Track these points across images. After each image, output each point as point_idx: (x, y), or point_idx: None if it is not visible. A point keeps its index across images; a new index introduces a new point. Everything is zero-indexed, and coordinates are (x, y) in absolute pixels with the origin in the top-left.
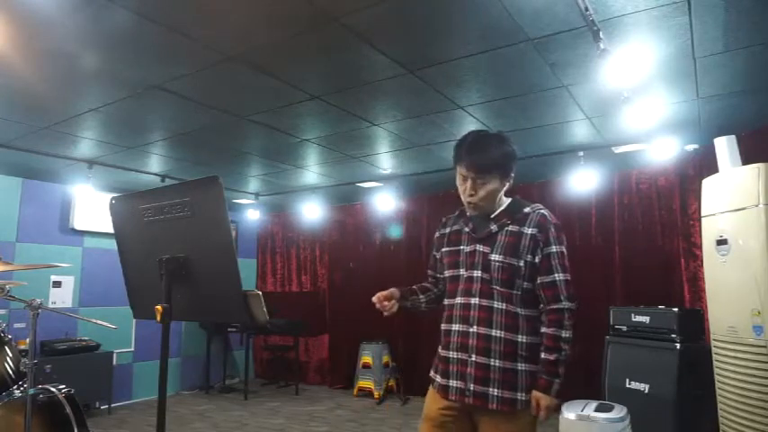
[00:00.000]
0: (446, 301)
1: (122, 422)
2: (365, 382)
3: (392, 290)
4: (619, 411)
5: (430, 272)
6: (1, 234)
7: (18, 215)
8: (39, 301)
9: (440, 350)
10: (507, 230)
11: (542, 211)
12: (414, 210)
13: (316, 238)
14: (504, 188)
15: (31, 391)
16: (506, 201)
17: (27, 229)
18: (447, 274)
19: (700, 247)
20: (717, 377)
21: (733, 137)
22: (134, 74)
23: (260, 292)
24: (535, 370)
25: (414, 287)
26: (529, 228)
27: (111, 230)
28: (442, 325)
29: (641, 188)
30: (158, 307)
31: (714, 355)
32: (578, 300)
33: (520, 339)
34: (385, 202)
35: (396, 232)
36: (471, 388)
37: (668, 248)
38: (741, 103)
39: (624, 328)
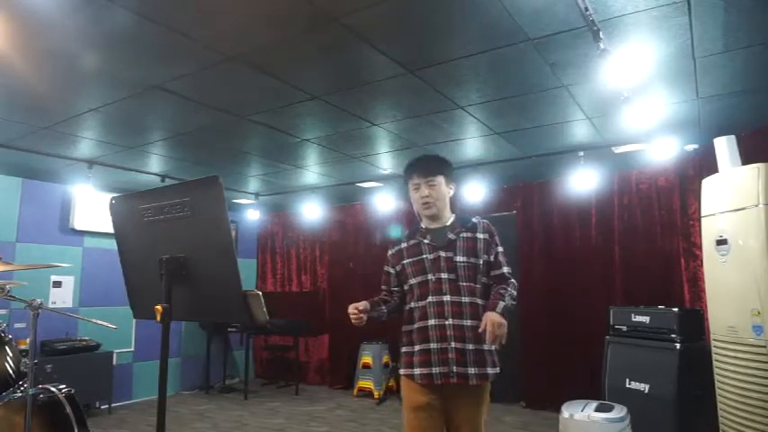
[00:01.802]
0: (416, 304)
1: (122, 422)
2: (365, 383)
3: (365, 302)
4: (619, 411)
5: (384, 287)
6: (1, 234)
7: (18, 215)
8: (39, 301)
9: (414, 347)
10: (463, 237)
11: (484, 220)
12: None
13: (316, 238)
14: (450, 193)
15: (32, 391)
16: (452, 215)
17: (27, 229)
18: (414, 281)
19: (700, 247)
20: (717, 377)
21: (733, 137)
22: (134, 74)
23: (260, 293)
24: (493, 348)
25: (376, 299)
26: (480, 233)
27: (111, 230)
28: (415, 324)
29: (641, 188)
30: (158, 307)
31: (714, 355)
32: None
33: (480, 330)
34: (385, 202)
35: (396, 232)
36: (455, 370)
37: (668, 248)
38: (741, 103)
39: (624, 328)
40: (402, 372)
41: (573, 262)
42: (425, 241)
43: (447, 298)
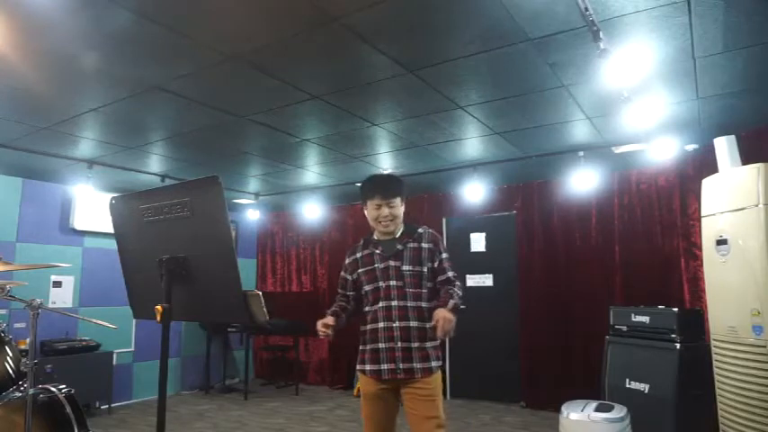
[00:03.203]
0: (369, 308)
1: (122, 422)
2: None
3: (332, 318)
4: (619, 411)
5: (340, 291)
6: (1, 234)
7: (18, 215)
8: (39, 300)
9: (367, 346)
10: (410, 247)
11: (430, 230)
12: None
13: (316, 238)
14: (403, 209)
15: (32, 391)
16: (402, 226)
17: (27, 229)
18: (368, 287)
19: (700, 247)
20: (717, 377)
21: (733, 137)
22: (134, 74)
23: (260, 292)
24: (436, 345)
25: (337, 309)
26: (425, 243)
27: (111, 230)
28: (368, 326)
29: (641, 188)
30: (158, 307)
31: (714, 355)
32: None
33: (427, 326)
34: None
35: None
36: (401, 366)
37: (668, 248)
38: (741, 103)
39: (624, 328)
40: (358, 367)
41: (573, 262)
42: (377, 252)
43: (395, 303)
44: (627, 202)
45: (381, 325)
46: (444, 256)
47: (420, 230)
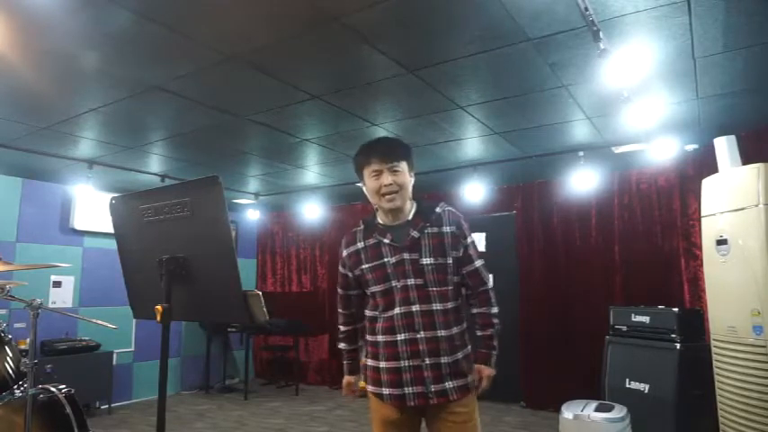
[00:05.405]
0: (378, 313)
1: (122, 422)
2: (365, 383)
3: (349, 379)
4: (619, 411)
5: (341, 290)
6: (1, 234)
7: (18, 215)
8: (39, 300)
9: (380, 362)
10: (428, 233)
11: (450, 208)
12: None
13: (316, 238)
14: (412, 182)
15: (32, 391)
16: (413, 204)
17: (27, 229)
18: (376, 288)
19: (700, 247)
20: (716, 377)
21: (733, 137)
22: (134, 74)
23: (260, 292)
24: (468, 353)
25: (349, 346)
26: (447, 226)
27: (111, 230)
28: (381, 336)
29: (641, 188)
30: (158, 307)
31: (714, 355)
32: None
33: (455, 331)
34: None
35: None
36: (432, 389)
37: (668, 248)
38: (741, 103)
39: (624, 328)
40: (370, 389)
41: (573, 262)
42: (386, 241)
43: (416, 308)
44: (627, 202)
45: (401, 337)
46: (470, 241)
47: (438, 210)
